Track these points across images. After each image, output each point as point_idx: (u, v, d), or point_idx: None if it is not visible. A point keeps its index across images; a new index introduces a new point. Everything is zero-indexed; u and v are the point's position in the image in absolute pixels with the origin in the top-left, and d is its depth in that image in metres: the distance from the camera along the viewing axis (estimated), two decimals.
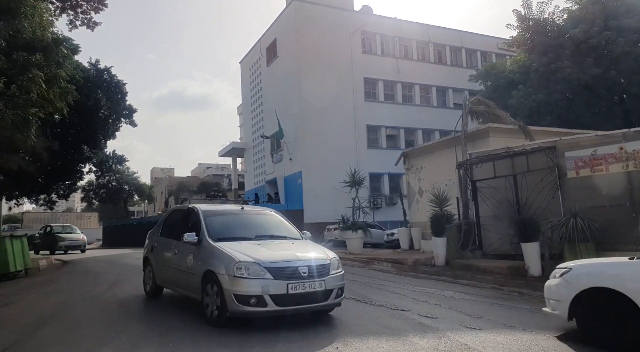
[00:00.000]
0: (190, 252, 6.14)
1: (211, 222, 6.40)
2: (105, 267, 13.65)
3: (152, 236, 7.97)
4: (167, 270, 6.96)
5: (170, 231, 7.27)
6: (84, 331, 5.52)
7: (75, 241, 23.35)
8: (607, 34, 17.07)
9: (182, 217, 7.20)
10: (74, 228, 25.56)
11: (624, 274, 4.62)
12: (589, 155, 9.68)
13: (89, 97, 18.41)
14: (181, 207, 8.29)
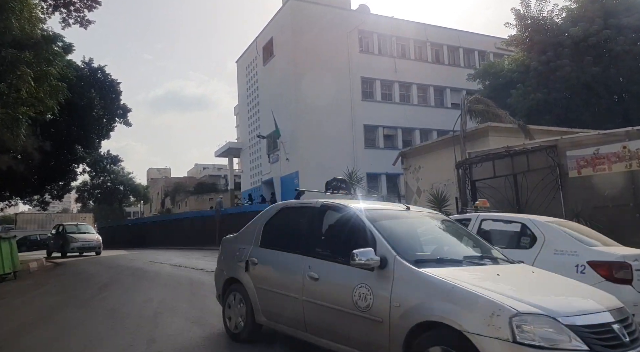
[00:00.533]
0: (359, 281, 3.69)
1: (387, 231, 3.94)
2: (97, 269, 13.37)
3: (240, 246, 5.29)
4: (289, 303, 4.38)
5: (288, 241, 4.80)
6: (68, 338, 5.26)
7: (89, 241, 20.58)
8: (607, 33, 16.91)
9: (311, 220, 4.65)
10: (88, 227, 22.75)
11: None
12: (591, 155, 9.48)
13: (82, 96, 18.11)
14: (303, 204, 5.10)
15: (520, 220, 6.07)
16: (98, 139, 22.28)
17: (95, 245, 20.63)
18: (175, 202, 60.45)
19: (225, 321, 5.22)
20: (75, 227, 22.01)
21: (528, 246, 5.64)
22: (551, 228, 5.69)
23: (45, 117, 13.56)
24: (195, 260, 15.07)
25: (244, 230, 5.60)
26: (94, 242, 20.70)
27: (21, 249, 32.99)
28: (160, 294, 8.09)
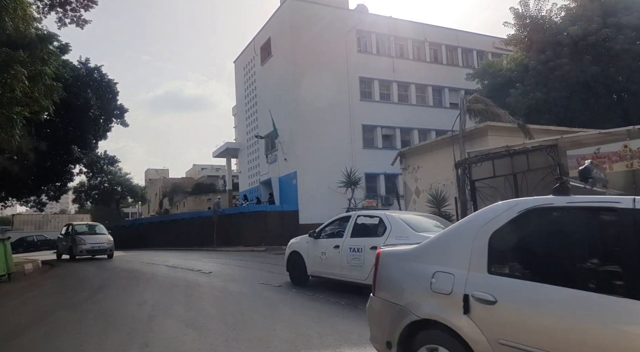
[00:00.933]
0: None
1: None
2: (92, 270, 13.22)
3: (429, 266, 3.32)
4: None
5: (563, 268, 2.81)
6: (60, 342, 5.13)
7: (100, 243, 18.29)
8: (606, 32, 16.82)
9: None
10: (99, 227, 20.17)
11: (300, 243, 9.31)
12: (591, 154, 9.37)
13: (78, 96, 17.97)
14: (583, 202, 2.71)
15: (378, 215, 8.09)
16: (95, 140, 22.12)
17: (106, 247, 18.41)
18: (173, 203, 60.29)
19: None
20: (85, 227, 20.01)
21: (382, 234, 7.48)
22: (396, 220, 7.62)
23: (41, 117, 13.41)
24: (192, 261, 14.94)
25: (431, 241, 3.56)
26: (105, 243, 18.45)
27: (18, 251, 32.89)
28: (156, 296, 7.96)
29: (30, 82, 10.65)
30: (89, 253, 18.04)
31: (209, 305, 7.00)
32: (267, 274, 10.65)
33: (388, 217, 7.82)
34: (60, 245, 19.96)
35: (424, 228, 7.31)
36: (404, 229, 7.24)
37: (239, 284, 9.14)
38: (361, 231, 8.06)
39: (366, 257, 7.35)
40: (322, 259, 8.44)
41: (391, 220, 7.64)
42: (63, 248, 19.43)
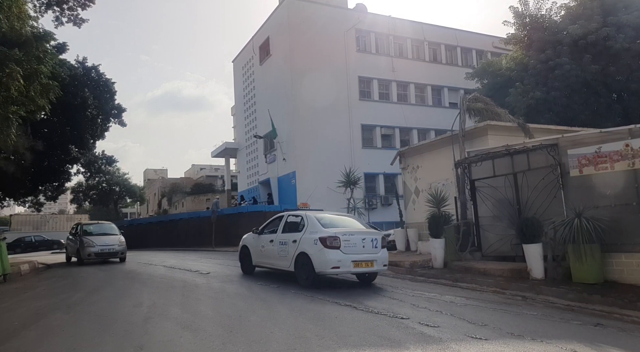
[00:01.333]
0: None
1: None
2: (89, 271, 13.10)
3: None
4: None
5: None
6: (52, 344, 5.03)
7: (110, 245, 15.95)
8: (606, 30, 16.76)
9: None
10: (109, 227, 17.80)
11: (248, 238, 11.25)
12: (592, 153, 9.28)
13: (75, 95, 17.85)
14: None
15: (300, 215, 9.98)
16: (92, 139, 21.97)
17: (117, 249, 16.06)
18: (172, 203, 60.18)
19: None
20: (93, 227, 17.51)
21: (301, 229, 9.51)
22: (311, 219, 9.52)
23: (37, 116, 13.28)
24: (190, 262, 14.83)
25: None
26: (116, 245, 16.10)
27: (15, 251, 32.75)
28: (152, 297, 7.85)
29: (25, 81, 10.55)
30: (98, 256, 15.78)
31: (205, 307, 6.90)
32: (265, 275, 10.54)
33: (307, 216, 9.64)
34: (69, 247, 17.88)
35: (332, 225, 9.38)
36: (316, 225, 9.19)
37: (236, 285, 9.04)
38: (289, 227, 9.87)
39: (289, 249, 9.35)
40: (262, 251, 10.33)
41: (309, 219, 9.45)
42: (72, 250, 17.18)
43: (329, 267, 8.56)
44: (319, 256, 8.63)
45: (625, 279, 8.44)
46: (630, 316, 6.48)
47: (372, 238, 9.14)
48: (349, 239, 8.81)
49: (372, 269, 9.04)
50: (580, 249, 8.52)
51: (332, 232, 8.84)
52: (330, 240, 8.63)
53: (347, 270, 8.78)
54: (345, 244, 8.72)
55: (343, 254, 8.62)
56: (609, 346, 4.92)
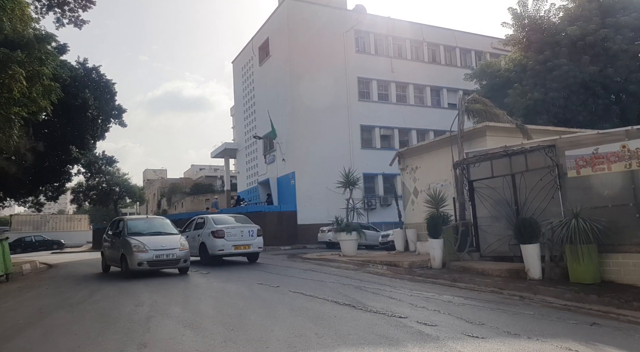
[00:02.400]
0: None
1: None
2: (90, 271, 13.20)
3: None
4: None
5: None
6: (57, 342, 5.11)
7: (169, 250, 11.21)
8: (604, 32, 16.86)
9: None
10: (164, 224, 12.86)
11: None
12: (590, 154, 9.36)
13: (76, 96, 17.93)
14: None
15: (203, 217, 14.78)
16: (93, 140, 22.06)
17: (179, 256, 11.27)
18: (171, 203, 60.27)
19: None
20: (142, 223, 12.56)
21: (203, 227, 13.85)
22: (209, 219, 14.17)
23: (39, 117, 13.40)
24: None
25: None
26: (177, 249, 11.31)
27: (16, 251, 32.79)
28: (153, 296, 7.94)
29: (28, 83, 10.63)
30: (154, 265, 10.96)
31: (206, 306, 6.98)
32: (265, 275, 10.64)
33: (207, 218, 14.39)
34: (107, 251, 12.97)
35: (222, 223, 13.79)
36: (211, 224, 13.61)
37: (236, 285, 9.13)
38: (196, 227, 14.50)
39: (196, 240, 13.92)
40: None
41: (207, 219, 14.17)
42: (112, 256, 12.40)
43: (217, 250, 13.15)
44: (211, 243, 13.25)
45: (622, 279, 8.52)
46: (626, 315, 6.56)
47: (249, 230, 13.71)
48: (230, 231, 13.29)
49: (249, 250, 13.67)
50: (578, 250, 8.59)
51: (220, 227, 13.36)
52: (218, 232, 13.17)
53: (230, 251, 13.26)
54: (228, 234, 13.19)
55: (226, 241, 13.14)
56: (604, 345, 5.01)
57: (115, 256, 11.98)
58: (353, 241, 16.01)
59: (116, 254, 11.82)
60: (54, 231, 43.14)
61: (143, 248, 10.92)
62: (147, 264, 10.86)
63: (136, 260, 10.80)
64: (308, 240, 25.41)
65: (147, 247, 10.95)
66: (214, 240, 13.07)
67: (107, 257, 13.04)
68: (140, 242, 11.07)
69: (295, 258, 16.39)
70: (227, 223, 13.88)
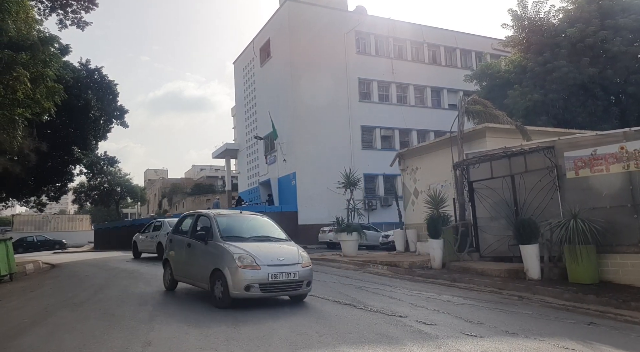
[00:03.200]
0: None
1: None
2: (93, 271, 13.30)
3: None
4: None
5: None
6: (62, 340, 5.21)
7: (290, 267, 6.99)
8: (604, 33, 16.95)
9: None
10: (269, 226, 8.46)
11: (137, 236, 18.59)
12: (588, 155, 9.46)
13: (79, 97, 18.05)
14: None
15: (160, 221, 17.19)
16: (95, 141, 22.19)
17: (302, 277, 7.08)
18: (172, 204, 60.37)
19: None
20: (242, 221, 8.52)
21: (160, 229, 16.17)
22: (164, 222, 16.39)
23: (42, 118, 13.49)
24: None
25: None
26: (299, 266, 7.11)
27: (17, 251, 32.85)
28: (156, 296, 8.04)
29: (32, 84, 10.74)
30: (267, 290, 6.93)
31: (209, 305, 7.07)
32: None
33: (163, 221, 16.77)
34: (178, 262, 8.65)
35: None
36: (167, 226, 15.27)
37: None
38: (154, 229, 16.98)
39: (154, 241, 16.29)
40: (142, 243, 17.67)
41: (163, 223, 16.40)
42: (188, 270, 8.24)
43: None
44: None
45: (620, 279, 8.60)
46: (623, 315, 6.64)
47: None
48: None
49: None
50: (576, 250, 8.67)
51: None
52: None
53: None
54: None
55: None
56: (601, 344, 5.09)
57: (195, 271, 7.81)
58: (354, 241, 16.10)
59: (199, 269, 7.64)
60: (56, 231, 43.26)
61: (252, 263, 6.84)
62: (259, 288, 6.76)
63: (243, 281, 6.70)
64: (309, 240, 25.48)
65: (258, 261, 6.88)
66: None
67: (175, 270, 8.55)
68: (247, 253, 6.96)
69: None
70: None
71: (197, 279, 7.77)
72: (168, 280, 8.81)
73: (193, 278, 7.96)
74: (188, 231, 8.52)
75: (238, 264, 6.70)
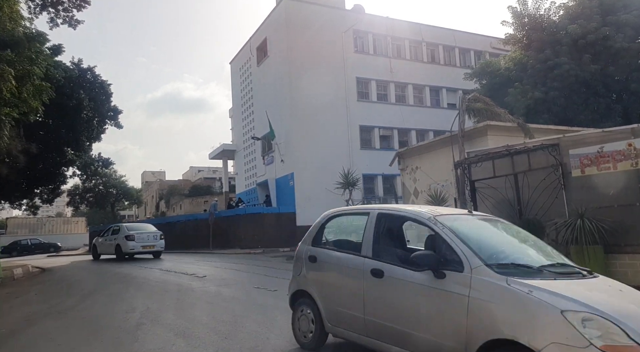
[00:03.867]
0: None
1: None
2: (83, 275, 12.91)
3: None
4: None
5: None
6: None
7: None
8: (605, 30, 16.63)
9: None
10: (539, 244, 4.45)
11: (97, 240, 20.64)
12: (595, 153, 9.12)
13: (70, 97, 17.66)
14: None
15: (118, 225, 19.61)
16: (88, 142, 21.80)
17: None
18: (170, 205, 59.90)
19: None
20: (491, 232, 4.54)
21: (119, 233, 18.34)
22: (122, 227, 18.82)
23: (30, 118, 13.09)
24: (187, 264, 14.64)
25: None
26: None
27: (12, 254, 32.50)
28: (146, 302, 7.66)
29: (17, 82, 10.37)
30: None
31: (200, 312, 6.71)
32: (263, 278, 10.37)
33: (121, 226, 18.94)
34: (326, 299, 4.86)
35: (134, 230, 18.08)
36: (125, 230, 17.86)
37: (233, 289, 8.86)
38: (112, 232, 18.74)
39: (113, 243, 18.12)
40: (102, 246, 19.36)
41: (121, 227, 18.46)
42: (349, 314, 4.53)
43: (129, 249, 17.58)
44: (124, 244, 17.64)
45: (630, 280, 8.23)
46: None
47: (154, 234, 18.47)
48: (139, 235, 17.86)
49: (154, 249, 18.25)
50: (584, 251, 8.36)
51: (131, 232, 17.85)
52: (130, 236, 17.59)
53: (139, 250, 17.70)
54: (137, 237, 17.72)
55: (136, 242, 17.59)
56: None
57: (407, 326, 3.98)
58: None
59: (425, 326, 3.83)
60: (51, 233, 42.80)
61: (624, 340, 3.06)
62: None
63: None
64: None
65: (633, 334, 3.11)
66: (126, 242, 17.58)
67: (335, 314, 4.76)
68: (603, 315, 3.01)
69: None
70: (139, 230, 18.57)
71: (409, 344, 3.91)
72: (308, 331, 4.91)
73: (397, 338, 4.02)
74: (364, 244, 4.57)
75: (593, 341, 2.88)
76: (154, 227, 19.46)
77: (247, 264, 14.79)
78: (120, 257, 17.98)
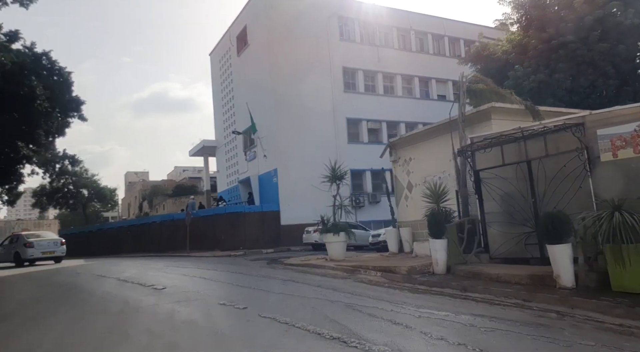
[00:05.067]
0: None
1: None
2: (23, 287, 11.00)
3: None
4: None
5: None
6: None
7: None
8: (615, 4, 15.25)
9: None
10: None
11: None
12: (630, 132, 7.59)
13: (20, 84, 15.66)
14: None
15: (16, 235, 21.12)
16: (49, 136, 19.76)
17: None
18: (153, 206, 57.72)
19: None
20: None
21: (18, 242, 19.79)
22: (21, 236, 20.08)
23: None
24: (152, 271, 12.85)
25: None
26: None
27: None
28: (66, 332, 5.77)
29: None
30: None
31: (130, 349, 4.93)
32: (233, 289, 8.65)
33: (20, 235, 19.86)
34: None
35: (33, 237, 19.61)
36: (23, 239, 19.10)
37: (191, 307, 7.07)
38: (10, 241, 20.37)
39: (11, 251, 19.32)
40: (0, 256, 20.21)
41: (20, 236, 19.76)
42: None
43: (28, 256, 18.34)
44: (23, 251, 18.45)
45: None
46: None
47: (54, 241, 19.54)
48: (39, 242, 18.72)
49: (54, 255, 19.14)
50: (623, 250, 6.81)
51: (30, 240, 18.56)
52: (29, 244, 18.29)
53: (39, 256, 18.57)
54: (36, 244, 18.56)
55: (35, 249, 18.45)
56: None
57: None
58: (341, 243, 14.09)
59: None
60: None
61: None
62: None
63: None
64: (292, 241, 23.50)
65: None
66: (26, 249, 18.41)
67: None
68: None
69: (275, 264, 14.42)
70: (38, 237, 19.75)
71: None
72: None
73: None
74: None
75: None
76: (55, 235, 21.75)
77: (222, 270, 13.03)
78: (19, 264, 19.03)
